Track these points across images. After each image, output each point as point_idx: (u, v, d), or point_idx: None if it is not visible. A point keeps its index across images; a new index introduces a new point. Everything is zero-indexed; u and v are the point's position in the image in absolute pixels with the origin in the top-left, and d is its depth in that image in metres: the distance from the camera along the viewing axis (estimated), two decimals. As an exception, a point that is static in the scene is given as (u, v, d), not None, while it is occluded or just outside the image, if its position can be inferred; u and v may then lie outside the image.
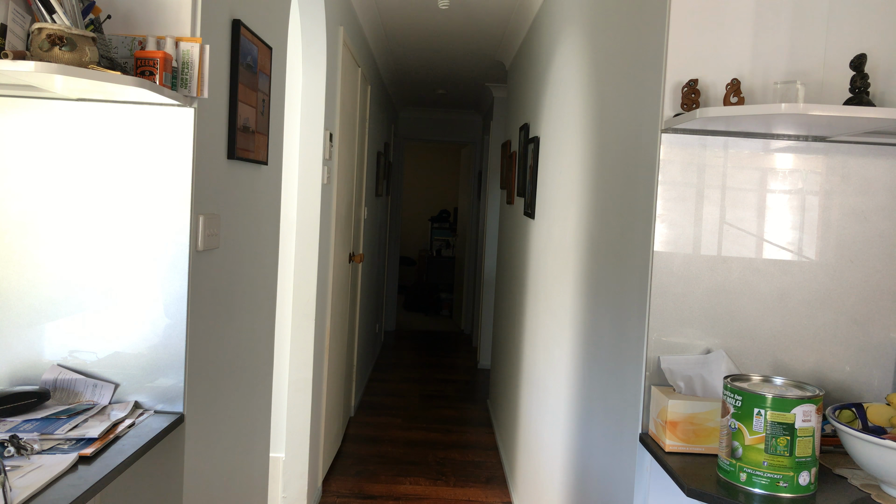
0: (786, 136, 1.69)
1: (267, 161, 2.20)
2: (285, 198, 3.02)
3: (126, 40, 1.55)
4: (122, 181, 1.61)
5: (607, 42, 2.34)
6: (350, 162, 4.25)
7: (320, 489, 3.69)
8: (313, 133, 3.30)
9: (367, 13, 4.42)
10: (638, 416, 1.73)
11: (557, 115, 3.16)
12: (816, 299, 1.70)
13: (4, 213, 1.61)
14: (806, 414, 1.34)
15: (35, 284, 1.62)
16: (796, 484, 1.34)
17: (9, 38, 1.34)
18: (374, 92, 5.39)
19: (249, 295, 2.14)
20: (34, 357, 1.62)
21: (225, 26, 1.79)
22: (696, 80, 1.61)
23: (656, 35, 1.74)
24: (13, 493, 1.15)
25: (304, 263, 3.32)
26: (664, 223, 1.69)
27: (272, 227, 2.38)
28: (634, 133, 1.90)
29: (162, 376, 1.63)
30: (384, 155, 6.51)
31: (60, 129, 1.61)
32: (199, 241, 1.67)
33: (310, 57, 3.28)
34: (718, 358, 1.65)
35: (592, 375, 2.23)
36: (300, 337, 3.34)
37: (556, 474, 2.68)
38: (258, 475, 2.39)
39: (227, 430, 1.99)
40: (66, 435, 1.40)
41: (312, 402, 3.38)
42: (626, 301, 1.89)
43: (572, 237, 2.62)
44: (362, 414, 5.10)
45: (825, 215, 1.70)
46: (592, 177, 2.39)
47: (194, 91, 1.57)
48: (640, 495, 1.72)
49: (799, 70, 1.64)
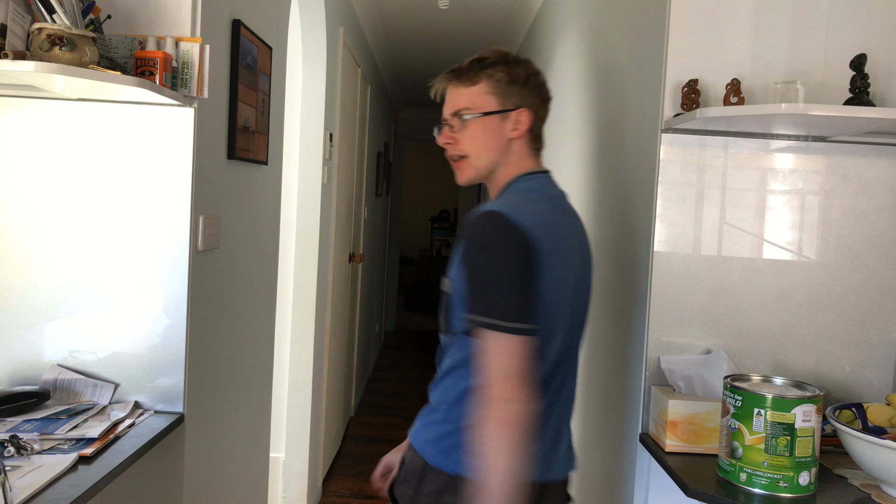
0: (786, 136, 1.69)
1: (267, 161, 2.20)
2: (285, 198, 3.02)
3: (126, 40, 1.55)
4: (122, 181, 1.61)
5: (607, 42, 2.34)
6: (350, 162, 4.25)
7: (320, 489, 3.69)
8: (313, 133, 3.30)
9: (367, 13, 4.42)
10: (638, 416, 1.73)
11: (557, 115, 3.16)
12: (816, 299, 1.70)
13: (5, 213, 1.61)
14: (806, 414, 1.34)
15: (35, 284, 1.62)
16: (796, 484, 1.34)
17: (9, 38, 1.34)
18: (374, 92, 5.39)
19: (249, 295, 2.14)
20: (34, 357, 1.62)
21: (225, 26, 1.79)
22: (696, 80, 1.61)
23: (656, 35, 1.74)
24: (13, 493, 1.15)
25: (304, 263, 3.32)
26: (664, 223, 1.69)
27: (272, 227, 2.38)
28: (634, 133, 1.90)
29: (162, 376, 1.63)
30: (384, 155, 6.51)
31: (60, 129, 1.61)
32: (199, 241, 1.67)
33: (310, 57, 3.28)
34: (718, 358, 1.65)
35: (592, 375, 2.23)
36: (300, 337, 3.34)
37: (556, 474, 2.68)
38: (258, 475, 2.39)
39: (226, 430, 1.99)
40: (66, 435, 1.40)
41: (312, 402, 3.38)
42: (626, 301, 1.89)
43: (572, 237, 2.62)
44: (362, 414, 5.10)
45: (825, 215, 1.70)
46: (592, 177, 2.39)
47: (194, 91, 1.57)
48: (640, 495, 1.72)
49: (799, 70, 1.64)
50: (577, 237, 1.39)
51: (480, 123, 1.39)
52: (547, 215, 1.31)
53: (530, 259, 1.24)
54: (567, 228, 1.36)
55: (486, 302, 1.22)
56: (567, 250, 1.33)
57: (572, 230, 1.38)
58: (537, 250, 1.25)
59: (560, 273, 1.29)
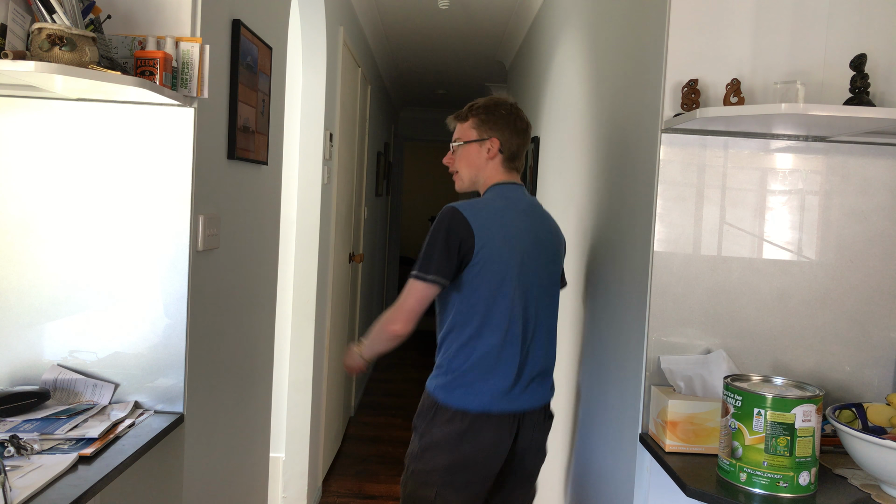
0: (786, 136, 1.69)
1: (267, 161, 2.21)
2: (285, 198, 3.02)
3: (126, 40, 1.55)
4: (122, 181, 1.61)
5: (607, 42, 2.34)
6: (350, 162, 4.25)
7: (320, 489, 3.69)
8: (313, 133, 3.30)
9: (367, 13, 4.42)
10: (638, 416, 1.73)
11: (557, 115, 3.16)
12: (816, 299, 1.70)
13: (5, 213, 1.61)
14: (806, 414, 1.34)
15: (35, 284, 1.62)
16: (796, 484, 1.34)
17: (9, 38, 1.34)
18: (374, 92, 5.39)
19: (249, 295, 2.14)
20: (34, 357, 1.62)
21: (225, 26, 1.79)
22: (696, 80, 1.61)
23: (656, 35, 1.74)
24: (13, 493, 1.15)
25: (304, 263, 3.32)
26: (664, 223, 1.69)
27: (272, 227, 2.38)
28: (634, 133, 1.90)
29: (162, 376, 1.63)
30: (384, 155, 6.51)
31: (60, 129, 1.61)
32: (199, 241, 1.67)
33: (310, 57, 3.28)
34: (718, 358, 1.65)
35: (592, 375, 2.23)
36: (300, 337, 3.34)
37: (556, 474, 2.68)
38: (258, 475, 2.39)
39: (227, 430, 1.99)
40: (66, 435, 1.40)
41: (312, 402, 3.38)
42: (626, 301, 1.89)
43: (572, 237, 2.63)
44: (362, 414, 5.10)
45: (825, 215, 1.70)
46: (592, 177, 2.39)
47: (194, 91, 1.57)
48: (640, 495, 1.72)
49: (799, 70, 1.64)
50: (531, 228, 1.92)
51: (465, 149, 2.00)
52: (494, 210, 1.88)
53: (459, 238, 1.81)
54: (515, 220, 1.89)
55: (418, 261, 1.85)
56: (509, 235, 1.86)
57: (522, 222, 1.91)
58: (474, 233, 1.81)
59: (498, 248, 1.84)
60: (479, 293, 1.83)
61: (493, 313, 1.83)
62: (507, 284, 1.84)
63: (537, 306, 1.91)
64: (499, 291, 1.83)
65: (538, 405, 1.92)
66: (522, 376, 1.87)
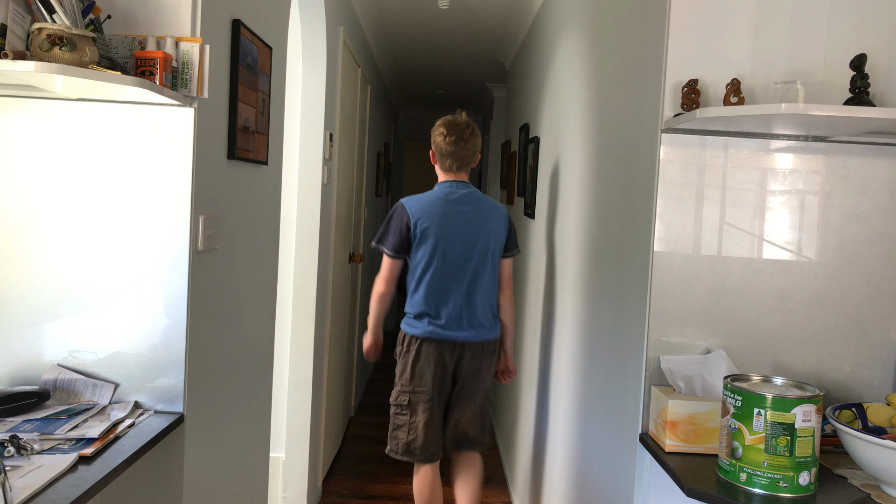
0: (786, 136, 1.69)
1: (267, 161, 2.21)
2: (285, 198, 3.02)
3: (126, 40, 1.55)
4: (122, 181, 1.62)
5: (607, 42, 2.34)
6: (350, 162, 4.25)
7: (320, 489, 3.69)
8: (313, 133, 3.30)
9: (367, 13, 4.42)
10: (638, 416, 1.73)
11: (557, 115, 3.16)
12: (816, 299, 1.70)
13: (5, 213, 1.61)
14: (806, 414, 1.34)
15: (35, 284, 1.62)
16: (796, 484, 1.34)
17: (9, 38, 1.34)
18: (374, 92, 5.39)
19: (249, 295, 2.14)
20: (34, 357, 1.62)
21: (225, 26, 1.79)
22: (696, 80, 1.61)
23: (656, 35, 1.74)
24: (13, 493, 1.15)
25: (304, 263, 3.32)
26: (664, 223, 1.69)
27: (272, 227, 2.38)
28: (634, 133, 1.90)
29: (162, 376, 1.63)
30: (384, 155, 6.51)
31: (60, 129, 1.61)
32: (199, 241, 1.67)
33: (310, 57, 3.28)
34: (718, 358, 1.65)
35: (592, 375, 2.23)
36: (300, 337, 3.34)
37: (556, 474, 2.68)
38: (258, 475, 2.39)
39: (226, 430, 1.99)
40: (66, 435, 1.40)
41: (312, 402, 3.38)
42: (626, 301, 1.89)
43: (572, 237, 2.62)
44: (362, 414, 5.10)
45: (825, 215, 1.70)
46: (592, 177, 2.39)
47: (194, 91, 1.57)
48: (640, 495, 1.72)
49: (799, 70, 1.64)
50: (460, 212, 2.73)
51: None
52: (429, 202, 2.74)
53: (405, 223, 2.71)
54: (445, 207, 2.73)
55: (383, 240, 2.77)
56: (441, 222, 2.70)
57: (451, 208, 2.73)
58: (410, 217, 2.70)
59: (431, 230, 2.69)
60: (415, 258, 2.73)
61: (426, 273, 2.71)
62: (437, 253, 2.70)
63: (461, 268, 2.71)
64: (431, 257, 2.70)
65: (472, 340, 2.74)
66: (440, 314, 2.72)
